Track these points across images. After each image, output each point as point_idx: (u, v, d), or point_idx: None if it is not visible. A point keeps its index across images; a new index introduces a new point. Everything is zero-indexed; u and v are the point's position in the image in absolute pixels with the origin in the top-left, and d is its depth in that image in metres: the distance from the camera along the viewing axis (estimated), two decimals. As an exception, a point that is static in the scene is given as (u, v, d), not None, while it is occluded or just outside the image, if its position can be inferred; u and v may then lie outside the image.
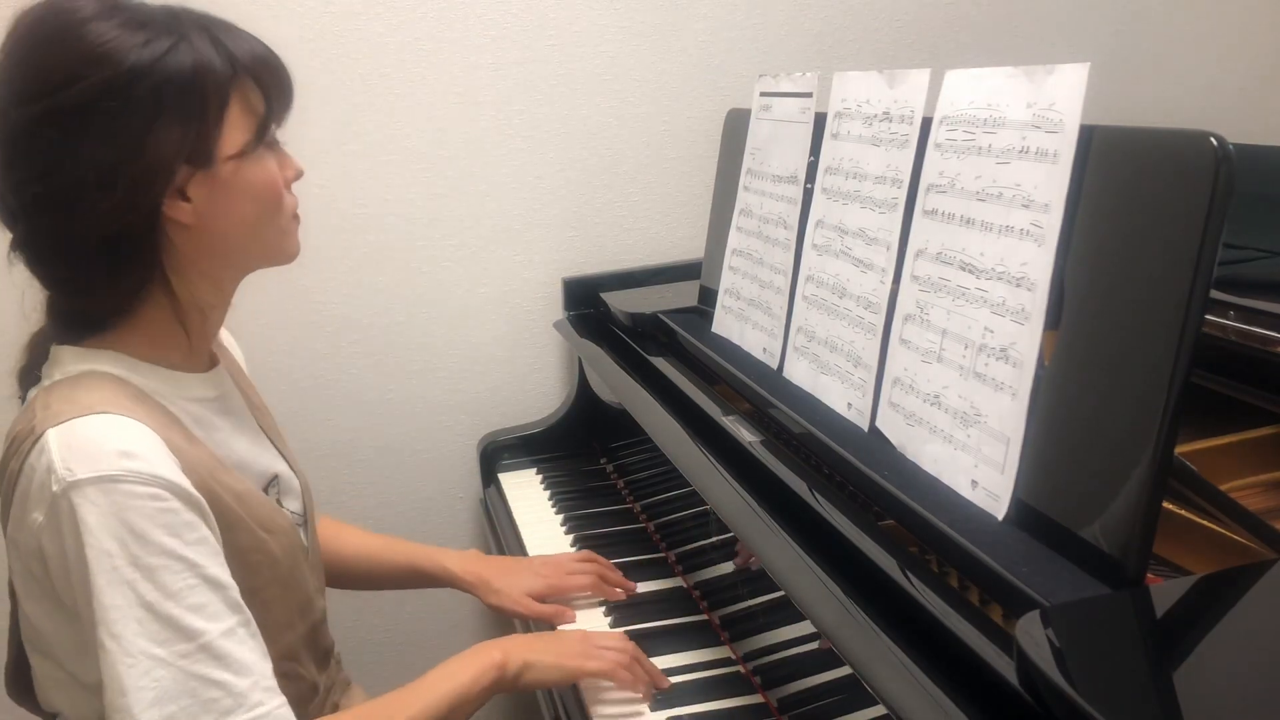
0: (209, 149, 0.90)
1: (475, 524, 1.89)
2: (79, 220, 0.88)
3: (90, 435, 0.85)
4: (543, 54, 1.76)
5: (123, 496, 0.82)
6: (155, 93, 0.87)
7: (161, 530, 0.84)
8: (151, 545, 0.83)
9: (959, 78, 0.99)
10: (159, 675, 0.82)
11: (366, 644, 1.87)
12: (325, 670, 1.14)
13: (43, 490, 0.84)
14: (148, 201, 0.89)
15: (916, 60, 1.91)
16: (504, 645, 1.08)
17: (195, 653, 0.84)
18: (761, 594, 1.13)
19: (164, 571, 0.83)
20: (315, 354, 1.77)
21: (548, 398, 1.88)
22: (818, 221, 1.22)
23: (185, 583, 0.84)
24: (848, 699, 0.92)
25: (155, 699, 0.82)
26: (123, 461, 0.83)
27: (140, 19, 0.89)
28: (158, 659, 0.83)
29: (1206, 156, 0.73)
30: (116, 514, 0.82)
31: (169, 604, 0.83)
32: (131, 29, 0.88)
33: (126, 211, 0.88)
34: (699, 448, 1.20)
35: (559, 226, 1.83)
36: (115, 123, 0.86)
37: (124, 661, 0.82)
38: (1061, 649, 0.67)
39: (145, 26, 0.88)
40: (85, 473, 0.82)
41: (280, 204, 0.98)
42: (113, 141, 0.86)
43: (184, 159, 0.89)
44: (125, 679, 0.82)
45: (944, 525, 0.85)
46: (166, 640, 0.83)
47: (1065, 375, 0.83)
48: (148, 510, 0.83)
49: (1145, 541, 0.74)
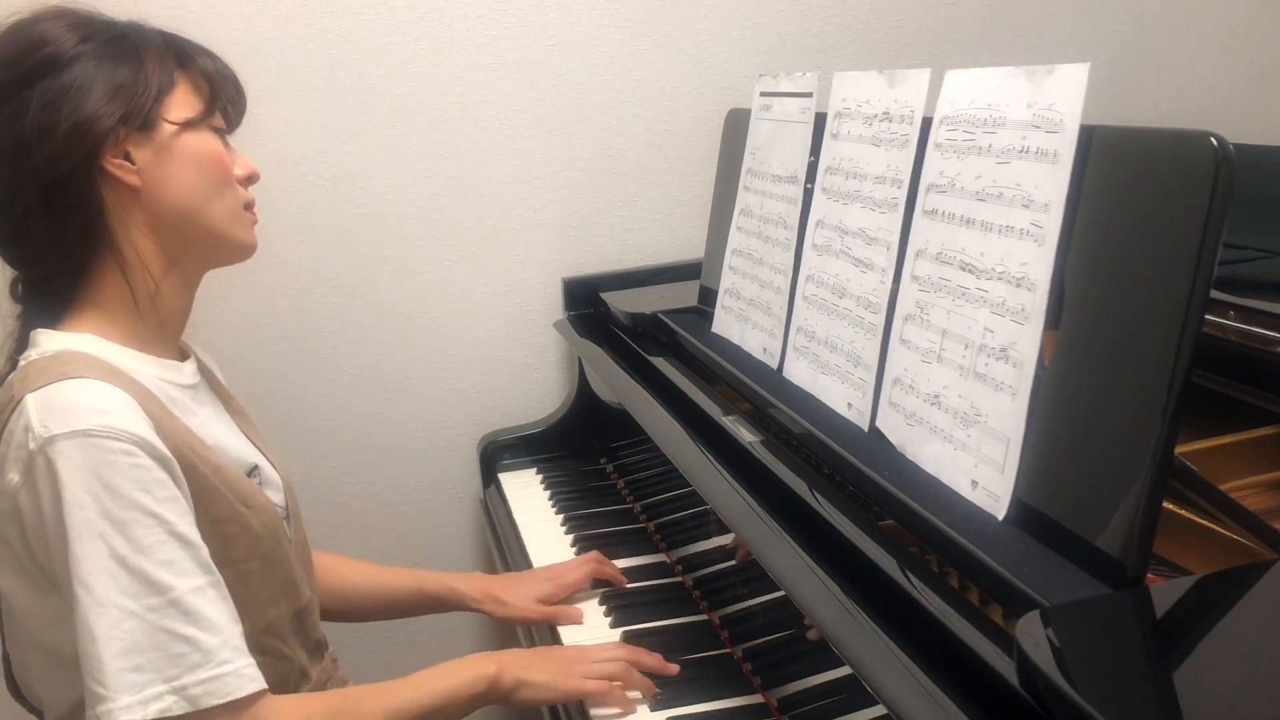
0: (149, 112, 0.97)
1: (475, 524, 1.89)
2: (20, 170, 0.93)
3: (67, 395, 0.88)
4: (543, 54, 1.76)
5: (96, 450, 0.85)
6: (97, 59, 0.95)
7: (133, 485, 0.86)
8: (123, 499, 0.85)
9: (959, 78, 0.99)
10: (129, 627, 0.84)
11: (363, 645, 1.87)
12: (318, 662, 1.14)
13: (20, 450, 0.86)
14: (83, 150, 0.93)
15: (916, 60, 1.91)
16: (500, 660, 1.07)
17: (164, 607, 0.86)
18: (761, 594, 1.13)
19: (135, 526, 0.85)
20: (315, 354, 1.77)
21: (548, 398, 1.88)
22: (818, 221, 1.22)
23: (156, 538, 0.86)
24: (848, 699, 0.92)
25: (125, 649, 0.84)
26: (96, 417, 0.86)
27: (86, 14, 0.99)
28: (128, 611, 0.84)
29: (1206, 156, 0.73)
30: (90, 467, 0.84)
31: (139, 558, 0.85)
32: (78, 18, 0.98)
33: (63, 159, 0.93)
34: (699, 448, 1.20)
35: (559, 226, 1.83)
36: (56, 84, 0.93)
37: (95, 611, 0.84)
38: (1061, 649, 0.67)
39: (87, 16, 0.99)
40: (61, 428, 0.85)
41: (226, 181, 1.03)
42: (53, 102, 0.93)
43: (121, 117, 0.95)
44: (96, 627, 0.83)
45: (944, 525, 0.85)
46: (136, 593, 0.85)
47: (1065, 375, 0.83)
48: (120, 465, 0.85)
49: (1145, 541, 0.74)
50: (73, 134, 0.93)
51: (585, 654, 1.13)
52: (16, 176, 0.93)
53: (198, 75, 1.02)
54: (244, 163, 1.06)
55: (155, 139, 0.97)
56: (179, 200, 0.99)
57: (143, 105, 0.96)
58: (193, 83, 1.01)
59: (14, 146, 0.93)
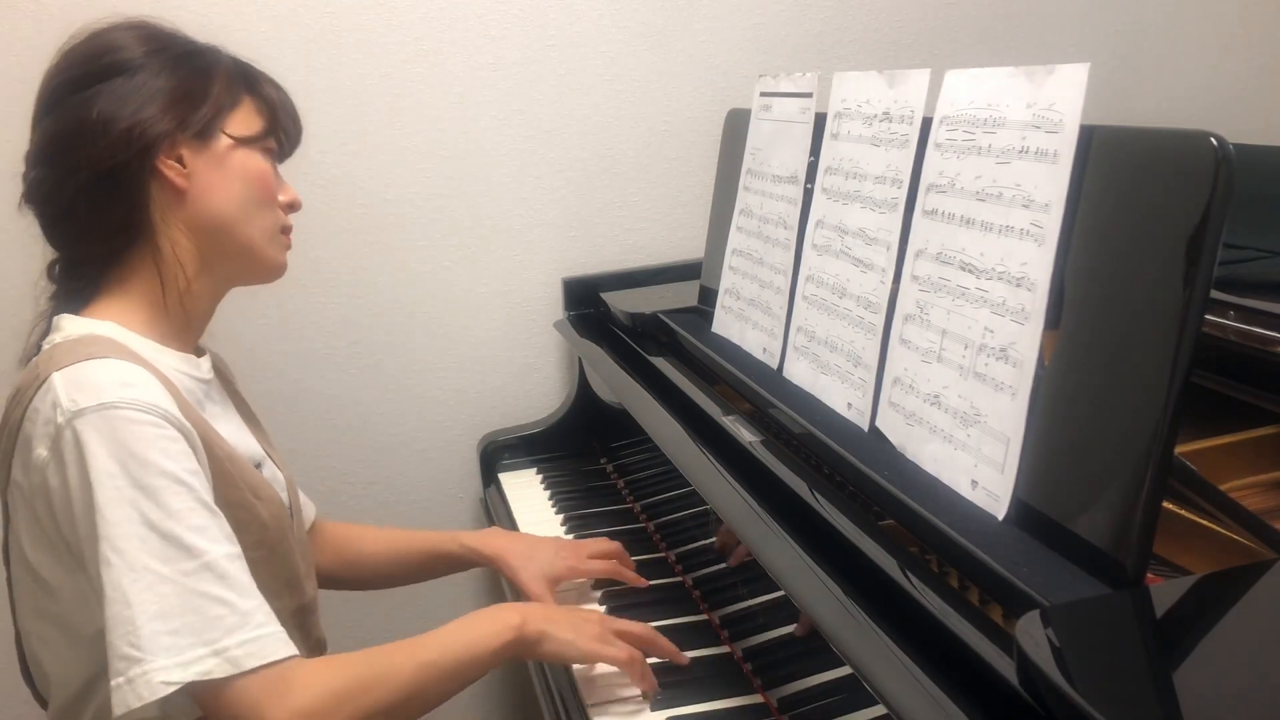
0: (210, 124, 1.02)
1: (475, 524, 1.89)
2: (80, 157, 0.97)
3: (93, 372, 0.90)
4: (543, 54, 1.76)
5: (122, 422, 0.87)
6: (169, 68, 1.01)
7: (160, 454, 0.87)
8: (151, 466, 0.87)
9: (959, 78, 0.99)
10: (163, 591, 0.85)
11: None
12: (313, 649, 1.15)
13: (47, 425, 0.88)
14: (140, 144, 0.98)
15: (916, 60, 1.91)
16: (523, 610, 1.07)
17: (199, 570, 0.86)
18: (761, 594, 1.13)
19: (165, 492, 0.86)
20: (315, 354, 1.77)
21: (548, 398, 1.88)
22: (818, 221, 1.22)
23: (186, 504, 0.87)
24: (848, 699, 0.92)
25: (159, 612, 0.84)
26: (123, 390, 0.88)
27: (172, 35, 1.05)
28: (161, 575, 0.85)
29: (1206, 156, 0.73)
30: (118, 438, 0.86)
31: (170, 522, 0.86)
32: (162, 35, 1.04)
33: (120, 150, 0.97)
34: (699, 448, 1.20)
35: (559, 226, 1.83)
36: (125, 84, 0.98)
37: (128, 575, 0.84)
38: (1061, 649, 0.67)
39: (168, 35, 1.05)
40: (88, 402, 0.87)
41: (269, 201, 1.07)
42: (120, 97, 0.98)
43: (181, 122, 1.00)
44: (130, 591, 0.84)
45: (944, 525, 0.85)
46: (170, 558, 0.85)
47: (1065, 375, 0.83)
48: (148, 435, 0.87)
49: (1145, 541, 0.74)
50: (133, 129, 0.97)
51: (607, 621, 1.12)
52: (73, 161, 0.97)
53: (261, 100, 1.07)
54: (289, 190, 1.11)
55: (210, 148, 1.02)
56: (221, 209, 1.03)
57: (204, 115, 1.01)
58: (255, 106, 1.07)
59: (75, 133, 0.97)
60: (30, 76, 1.03)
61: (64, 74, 1.01)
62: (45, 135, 1.00)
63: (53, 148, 0.99)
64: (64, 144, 0.98)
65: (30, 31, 1.53)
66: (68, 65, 1.01)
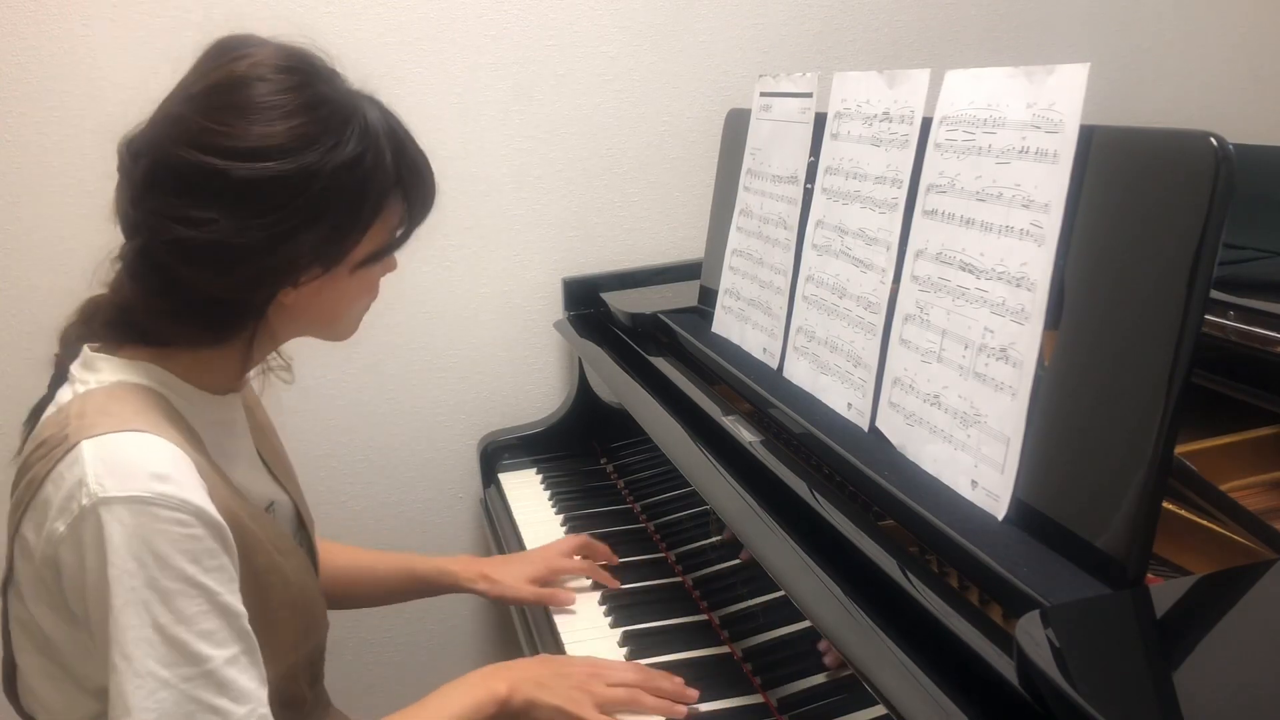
0: (343, 255, 0.93)
1: (475, 524, 1.89)
2: (198, 275, 0.89)
3: (126, 453, 0.85)
4: (543, 54, 1.76)
5: (150, 519, 0.83)
6: (321, 198, 0.88)
7: (183, 556, 0.84)
8: (171, 570, 0.84)
9: (959, 78, 0.99)
10: (161, 696, 0.83)
11: (368, 644, 1.88)
12: (315, 686, 1.15)
13: (70, 501, 0.84)
14: (268, 291, 0.92)
15: (916, 60, 1.91)
16: (509, 679, 1.06)
17: (199, 678, 0.85)
18: (761, 594, 1.13)
19: (179, 596, 0.84)
20: (315, 353, 1.76)
21: (548, 398, 1.88)
22: (818, 221, 1.22)
23: (198, 608, 0.85)
24: (848, 699, 0.92)
25: (156, 719, 0.83)
26: (155, 484, 0.84)
27: (332, 106, 0.90)
28: (162, 680, 0.84)
29: (1206, 156, 0.73)
30: (141, 535, 0.83)
31: (179, 628, 0.84)
32: (322, 121, 0.89)
33: (243, 291, 0.91)
34: (699, 448, 1.20)
35: (559, 226, 1.83)
36: (273, 212, 0.87)
37: (132, 681, 0.83)
38: (1061, 649, 0.67)
39: (335, 120, 0.89)
40: (117, 490, 0.83)
41: (369, 302, 1.03)
42: (262, 227, 0.87)
43: (319, 262, 0.92)
44: (131, 698, 0.83)
45: (944, 525, 0.85)
46: (173, 663, 0.84)
47: (1065, 375, 0.83)
48: (173, 535, 0.84)
49: (1145, 541, 0.74)
50: (265, 275, 0.90)
51: (600, 673, 1.09)
52: (188, 277, 0.89)
53: (400, 195, 0.96)
54: (391, 263, 1.03)
55: (334, 275, 0.94)
56: (321, 320, 1.00)
57: (342, 250, 0.93)
58: (391, 209, 0.96)
59: (203, 253, 0.87)
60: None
61: (204, 154, 0.86)
62: (162, 216, 0.87)
63: (175, 246, 0.87)
64: (185, 250, 0.87)
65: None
66: (212, 144, 0.86)
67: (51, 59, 1.57)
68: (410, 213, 0.99)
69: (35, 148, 1.59)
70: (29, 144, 1.59)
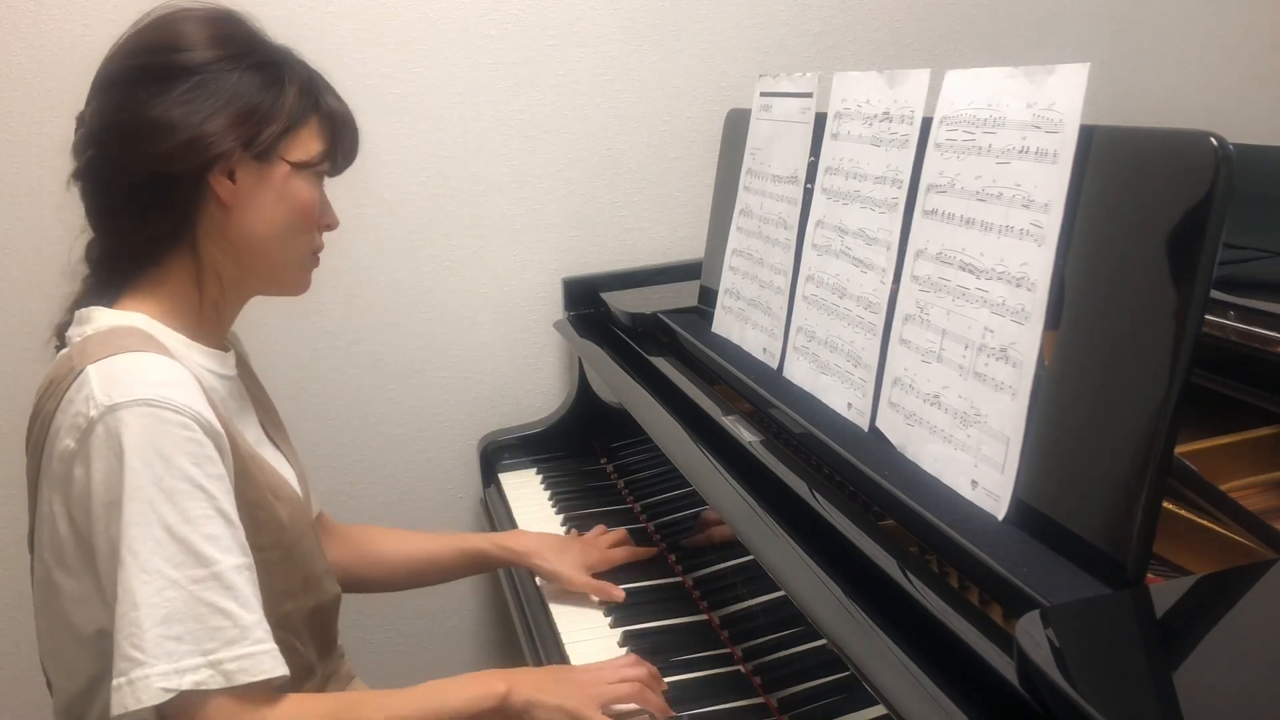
0: (271, 145, 1.00)
1: (475, 524, 1.89)
2: (138, 154, 0.96)
3: (129, 366, 0.90)
4: (543, 54, 1.76)
5: (155, 421, 0.87)
6: (240, 76, 0.98)
7: (186, 458, 0.88)
8: (176, 469, 0.87)
9: (959, 78, 0.99)
10: (170, 595, 0.86)
11: (368, 644, 1.87)
12: (326, 659, 1.15)
13: (78, 417, 0.88)
14: (199, 160, 0.97)
15: (916, 60, 1.91)
16: (511, 680, 1.05)
17: (207, 580, 0.87)
18: (761, 594, 1.13)
19: (184, 497, 0.87)
20: (315, 354, 1.77)
21: (548, 398, 1.88)
22: (818, 221, 1.22)
23: (203, 511, 0.88)
24: (848, 699, 0.92)
25: (165, 617, 0.85)
26: (159, 389, 0.89)
27: (256, 40, 1.03)
28: (171, 580, 0.86)
29: (1206, 156, 0.73)
30: (148, 436, 0.87)
31: (186, 528, 0.87)
32: (244, 37, 1.02)
33: (177, 160, 0.96)
34: (699, 448, 1.20)
35: (559, 226, 1.83)
36: (200, 91, 0.97)
37: (139, 576, 0.85)
38: (1061, 649, 0.67)
39: (255, 41, 1.03)
40: (123, 397, 0.87)
41: (310, 229, 1.07)
42: (191, 104, 0.96)
43: (244, 144, 0.98)
44: (138, 593, 0.85)
45: (944, 525, 0.85)
46: (181, 563, 0.86)
47: (1065, 375, 0.83)
48: (177, 437, 0.88)
49: (1145, 541, 0.74)
50: (196, 141, 0.96)
51: (600, 674, 1.09)
52: (129, 156, 0.96)
53: (325, 120, 1.05)
54: (331, 214, 1.10)
55: (265, 170, 1.01)
56: (260, 229, 1.02)
57: (268, 137, 1.00)
58: (318, 126, 1.05)
59: (136, 129, 0.96)
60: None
61: (132, 59, 0.98)
62: (105, 119, 0.98)
63: (111, 135, 0.97)
64: (123, 135, 0.96)
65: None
66: (138, 50, 0.99)
67: (51, 59, 1.58)
68: (333, 149, 1.06)
69: (35, 148, 1.59)
70: (29, 144, 1.59)
